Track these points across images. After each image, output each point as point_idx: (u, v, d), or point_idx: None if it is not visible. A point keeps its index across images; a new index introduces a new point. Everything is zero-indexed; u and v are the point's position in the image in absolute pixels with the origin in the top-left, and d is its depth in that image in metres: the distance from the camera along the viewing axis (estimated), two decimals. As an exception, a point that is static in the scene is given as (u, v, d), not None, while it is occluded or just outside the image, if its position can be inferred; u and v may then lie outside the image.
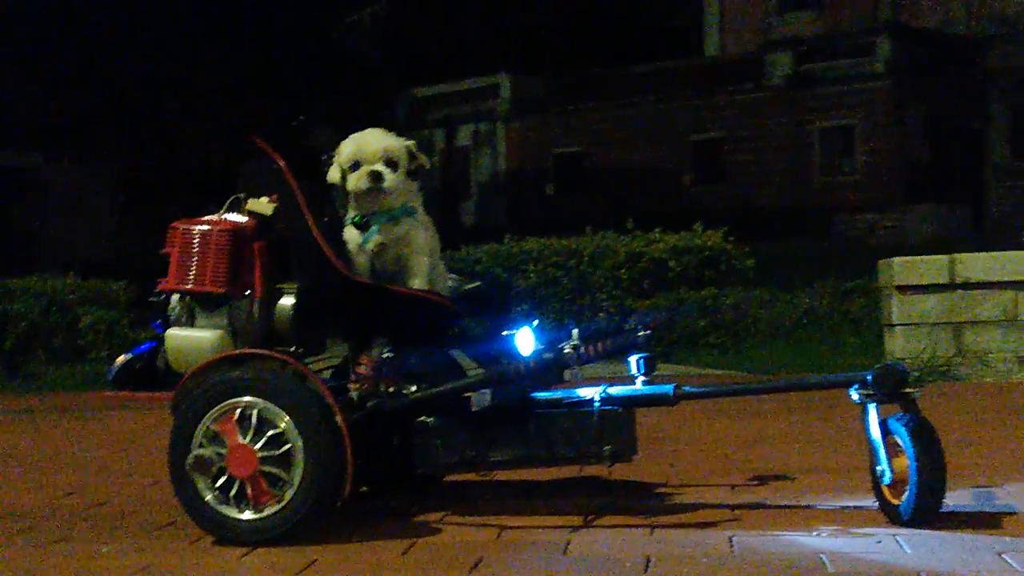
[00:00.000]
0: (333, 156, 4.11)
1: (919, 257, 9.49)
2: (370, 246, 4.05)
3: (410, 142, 4.14)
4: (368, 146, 4.07)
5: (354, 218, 4.06)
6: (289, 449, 3.73)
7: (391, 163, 4.05)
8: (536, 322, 4.12)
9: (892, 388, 3.72)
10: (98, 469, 5.81)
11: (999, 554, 3.34)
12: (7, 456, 6.56)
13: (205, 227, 4.02)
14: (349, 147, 4.08)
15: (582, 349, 3.94)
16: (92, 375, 11.59)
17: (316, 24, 39.89)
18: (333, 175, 4.09)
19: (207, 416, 3.78)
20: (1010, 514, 3.89)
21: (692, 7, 43.41)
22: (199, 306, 4.05)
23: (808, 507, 4.09)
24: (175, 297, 4.07)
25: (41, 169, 35.88)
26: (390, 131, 4.16)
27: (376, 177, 4.02)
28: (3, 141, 33.66)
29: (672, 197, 36.57)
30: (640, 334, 4.05)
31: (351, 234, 4.07)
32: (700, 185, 38.22)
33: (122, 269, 14.85)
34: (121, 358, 4.18)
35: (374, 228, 4.05)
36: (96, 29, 34.18)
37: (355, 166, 4.05)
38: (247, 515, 3.75)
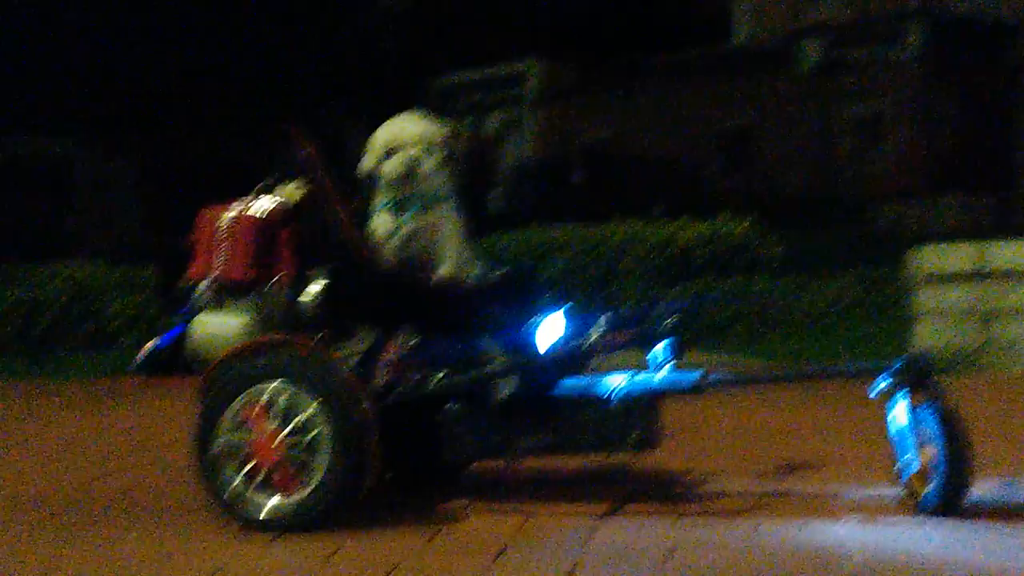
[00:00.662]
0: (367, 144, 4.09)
1: (947, 245, 9.42)
2: (403, 232, 4.03)
3: (447, 128, 4.11)
4: (406, 131, 4.03)
5: (387, 203, 4.04)
6: (316, 436, 3.74)
7: (429, 148, 4.03)
8: (563, 310, 4.11)
9: (920, 377, 3.72)
10: (124, 456, 5.84)
11: (1026, 544, 3.34)
12: (34, 443, 6.59)
13: (233, 214, 4.03)
14: (387, 131, 4.04)
15: (609, 337, 3.93)
16: (120, 362, 11.62)
17: (342, 11, 39.87)
18: (369, 160, 4.07)
19: (234, 403, 3.79)
20: (1037, 504, 3.88)
21: (721, -6, 43.24)
22: (227, 293, 4.06)
23: (834, 496, 4.09)
24: (203, 284, 4.09)
25: (69, 156, 35.96)
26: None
27: (414, 162, 4.00)
28: (31, 128, 33.73)
29: (699, 185, 36.45)
30: (667, 322, 4.04)
31: (382, 220, 4.05)
32: (728, 173, 38.07)
33: (149, 255, 14.85)
34: (148, 345, 4.21)
35: (408, 214, 4.02)
36: (109, 19, 34.27)
37: (392, 151, 4.02)
38: (273, 501, 3.76)
